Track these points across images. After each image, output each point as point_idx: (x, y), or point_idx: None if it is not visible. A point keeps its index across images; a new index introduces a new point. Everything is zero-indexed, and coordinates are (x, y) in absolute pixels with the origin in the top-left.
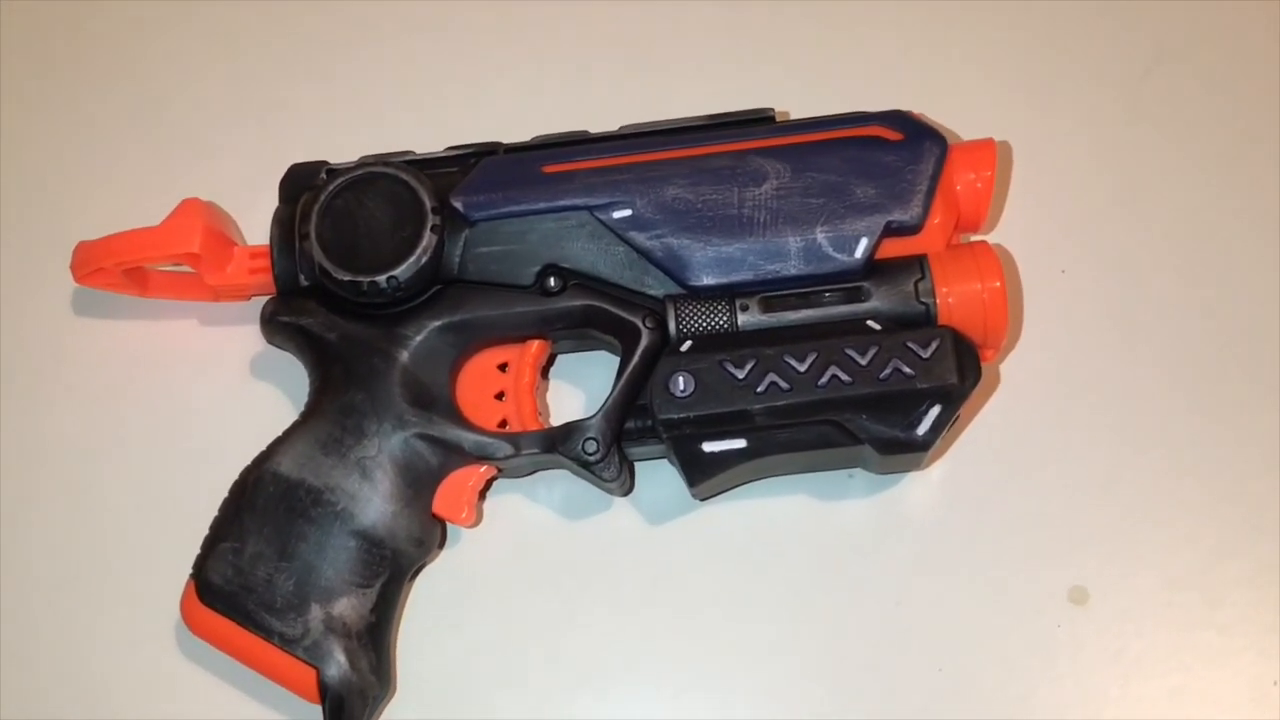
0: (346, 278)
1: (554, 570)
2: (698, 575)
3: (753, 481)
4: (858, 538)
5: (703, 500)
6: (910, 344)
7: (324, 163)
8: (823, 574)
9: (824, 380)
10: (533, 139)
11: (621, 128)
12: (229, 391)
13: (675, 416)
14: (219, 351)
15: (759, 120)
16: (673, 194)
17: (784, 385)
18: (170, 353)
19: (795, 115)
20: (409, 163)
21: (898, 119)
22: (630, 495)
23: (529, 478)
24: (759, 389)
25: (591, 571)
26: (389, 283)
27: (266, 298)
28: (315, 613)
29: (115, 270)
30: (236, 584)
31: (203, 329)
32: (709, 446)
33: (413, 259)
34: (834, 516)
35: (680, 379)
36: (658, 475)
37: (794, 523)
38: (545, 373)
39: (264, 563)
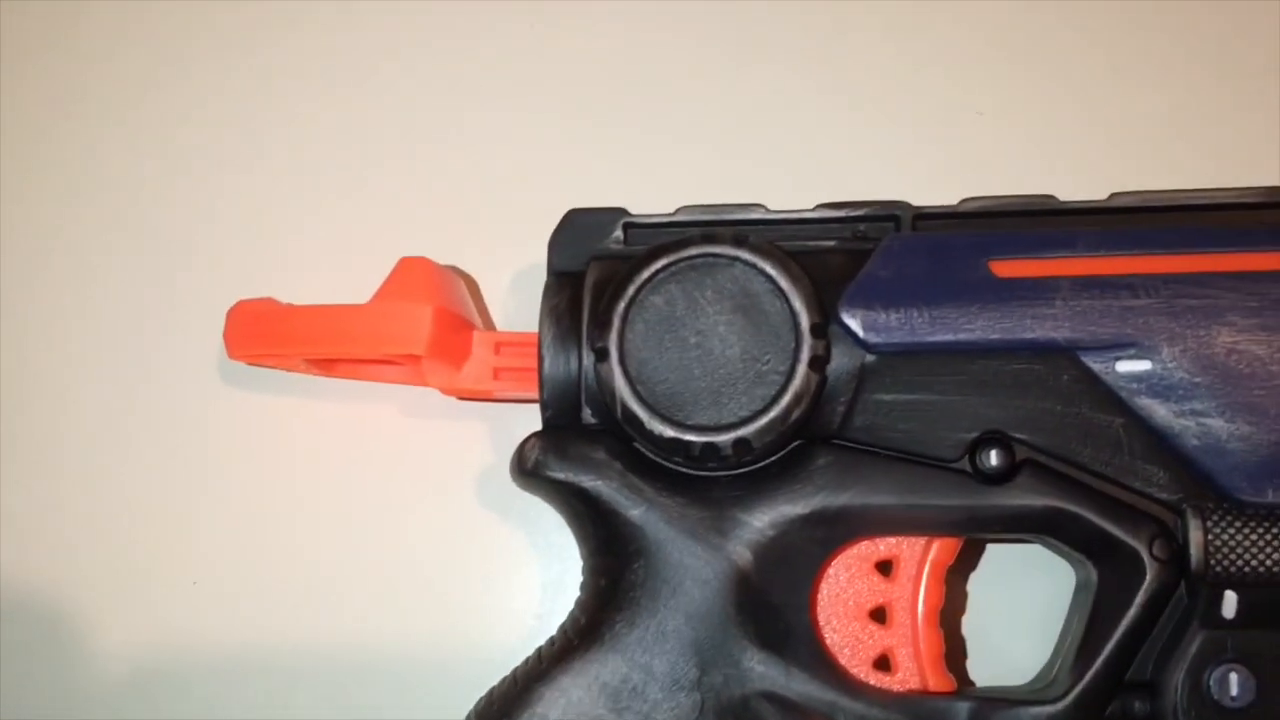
0: (668, 434)
1: None
2: None
3: None
4: None
5: None
6: None
7: (620, 210)
8: None
9: None
10: (962, 202)
11: (1113, 196)
12: (446, 526)
13: None
14: (431, 458)
15: None
16: (1227, 342)
17: None
18: (357, 452)
19: None
20: (756, 225)
21: None
22: None
23: None
24: None
25: None
26: (735, 449)
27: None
28: None
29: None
30: None
31: (406, 422)
32: None
33: (776, 413)
34: None
35: (1233, 678)
36: None
37: None
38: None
39: None
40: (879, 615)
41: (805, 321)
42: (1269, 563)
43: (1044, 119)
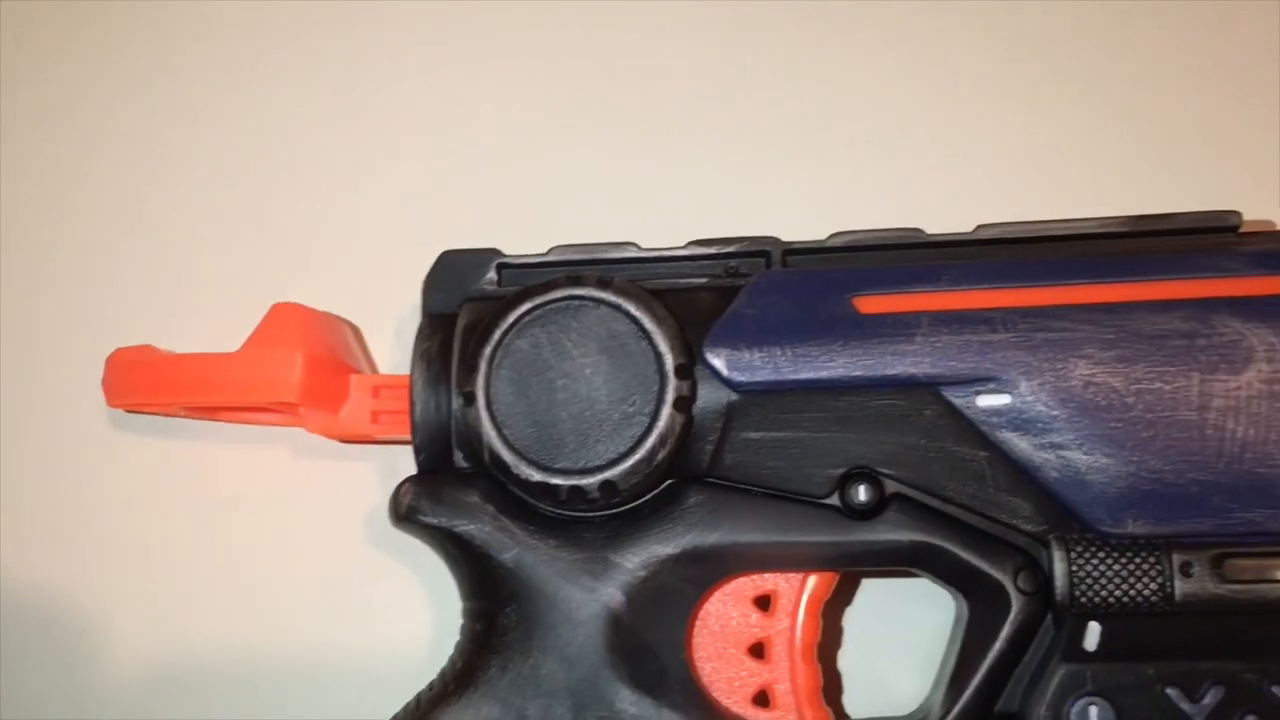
0: (535, 478)
1: None
2: None
3: None
4: None
5: None
6: None
7: (494, 251)
8: None
9: None
10: (831, 237)
11: (979, 228)
12: (336, 568)
13: None
14: (322, 500)
15: (1217, 231)
16: (1083, 375)
17: None
18: (248, 494)
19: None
20: (629, 264)
21: None
22: None
23: None
24: None
25: None
26: (602, 491)
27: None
28: None
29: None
30: None
31: (297, 463)
32: None
33: (641, 455)
34: None
35: (1093, 711)
36: None
37: None
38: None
39: None
40: (758, 651)
41: (670, 362)
42: (1132, 593)
43: (924, 147)
